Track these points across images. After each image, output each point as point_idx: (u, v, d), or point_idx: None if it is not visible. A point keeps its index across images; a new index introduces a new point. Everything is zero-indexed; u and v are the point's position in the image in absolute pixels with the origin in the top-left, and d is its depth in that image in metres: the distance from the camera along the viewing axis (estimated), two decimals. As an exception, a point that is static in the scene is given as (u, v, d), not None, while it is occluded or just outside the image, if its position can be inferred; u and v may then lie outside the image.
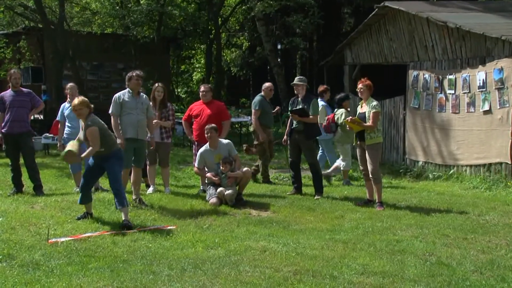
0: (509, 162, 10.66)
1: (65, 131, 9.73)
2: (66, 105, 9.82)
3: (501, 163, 10.90)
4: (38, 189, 9.51)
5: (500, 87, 10.80)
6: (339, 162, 11.10)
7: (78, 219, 7.43)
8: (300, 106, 9.49)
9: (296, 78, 9.98)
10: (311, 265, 5.57)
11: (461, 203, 8.92)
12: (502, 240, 6.63)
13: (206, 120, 9.52)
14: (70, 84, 10.10)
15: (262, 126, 10.73)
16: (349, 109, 11.25)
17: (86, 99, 7.34)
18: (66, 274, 5.19)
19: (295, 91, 9.78)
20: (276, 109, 11.86)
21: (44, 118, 19.57)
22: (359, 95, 8.99)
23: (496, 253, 6.09)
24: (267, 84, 11.32)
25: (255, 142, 10.88)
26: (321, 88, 11.70)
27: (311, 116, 9.49)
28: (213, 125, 9.08)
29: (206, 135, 9.01)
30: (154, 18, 23.15)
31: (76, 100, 7.29)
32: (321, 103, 10.97)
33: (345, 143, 11.00)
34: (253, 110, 10.93)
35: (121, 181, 7.48)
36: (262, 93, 11.08)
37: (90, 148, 7.15)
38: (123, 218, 7.15)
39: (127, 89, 8.62)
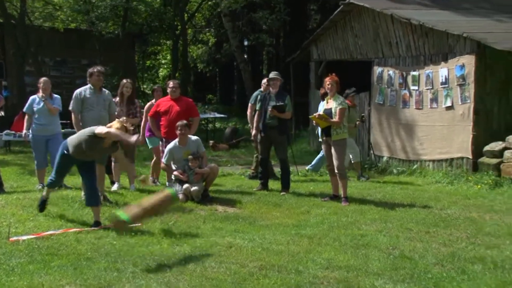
0: (470, 157, 10.88)
1: (32, 127, 9.53)
2: (37, 99, 9.63)
3: (462, 158, 11.12)
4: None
5: (461, 84, 11.00)
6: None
7: (41, 207, 7.27)
8: (275, 102, 9.50)
9: (272, 73, 10.01)
10: (276, 260, 5.60)
11: (424, 198, 9.07)
12: (463, 233, 6.77)
13: (175, 117, 9.43)
14: (43, 78, 9.92)
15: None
16: (351, 104, 11.18)
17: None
18: (27, 272, 5.10)
19: (271, 87, 9.72)
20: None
21: (5, 114, 19.19)
22: (327, 91, 9.03)
23: (457, 246, 6.20)
24: (265, 80, 11.19)
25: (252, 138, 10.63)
26: (322, 91, 11.53)
27: (286, 112, 9.54)
28: (185, 122, 9.04)
29: (178, 132, 8.94)
30: (119, 14, 22.86)
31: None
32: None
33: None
34: (249, 104, 10.89)
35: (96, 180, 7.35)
36: (261, 88, 11.00)
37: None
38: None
39: (89, 85, 8.51)
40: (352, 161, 11.29)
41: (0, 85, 20.08)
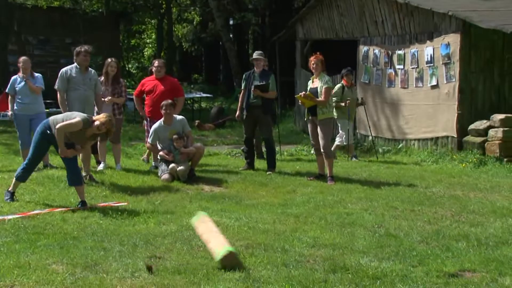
0: (455, 136, 10.97)
1: (15, 107, 9.47)
2: (18, 79, 9.53)
3: (447, 137, 11.21)
4: None
5: (447, 62, 11.05)
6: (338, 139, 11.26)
7: (10, 200, 7.07)
8: (259, 81, 9.47)
9: (255, 52, 9.98)
10: (263, 239, 5.62)
11: (409, 176, 9.14)
12: (448, 211, 6.84)
13: (159, 96, 9.38)
14: (23, 58, 9.78)
15: None
16: (347, 84, 11.25)
17: None
18: (13, 251, 5.08)
19: (255, 67, 9.68)
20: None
21: (-11, 94, 18.96)
22: (312, 70, 9.02)
23: (442, 223, 6.27)
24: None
25: None
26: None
27: (270, 92, 9.50)
28: (170, 101, 9.00)
29: (163, 111, 8.90)
30: (103, -9, 22.61)
31: None
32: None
33: (339, 118, 11.13)
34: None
35: (76, 159, 7.28)
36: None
37: None
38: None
39: (75, 64, 8.44)
40: (344, 143, 11.26)
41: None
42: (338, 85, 11.20)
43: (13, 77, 9.65)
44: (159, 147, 9.04)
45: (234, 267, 4.66)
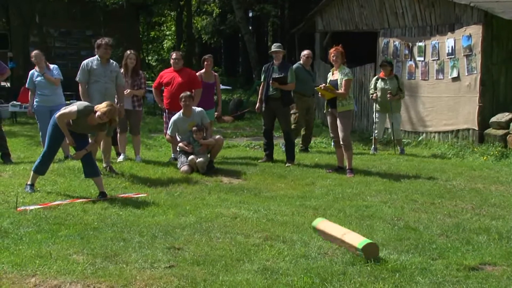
0: (476, 128, 10.86)
1: (35, 99, 9.58)
2: (35, 72, 9.63)
3: (468, 129, 11.10)
4: (5, 157, 9.38)
5: (468, 54, 10.92)
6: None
7: (31, 190, 7.13)
8: (277, 74, 9.46)
9: (274, 45, 9.94)
10: (281, 231, 5.63)
11: (429, 169, 9.07)
12: (468, 204, 6.78)
13: (177, 88, 9.41)
14: (35, 52, 9.86)
15: (297, 94, 10.55)
16: (385, 77, 11.03)
17: None
18: (35, 241, 5.15)
19: (274, 59, 9.67)
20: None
21: (11, 85, 19.21)
22: (332, 62, 8.98)
23: (462, 216, 6.22)
24: (305, 52, 11.17)
25: (292, 111, 10.55)
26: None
27: (289, 84, 9.48)
28: (188, 93, 9.03)
29: (182, 103, 8.93)
30: (123, -16, 22.67)
31: None
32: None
33: (381, 112, 11.06)
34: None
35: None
36: (301, 61, 11.01)
37: None
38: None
39: (96, 56, 8.50)
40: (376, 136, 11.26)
41: (6, 57, 20.03)
42: (374, 78, 11.20)
43: (30, 72, 9.74)
44: (178, 139, 9.08)
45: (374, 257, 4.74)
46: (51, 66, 9.81)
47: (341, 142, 8.72)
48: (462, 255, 4.91)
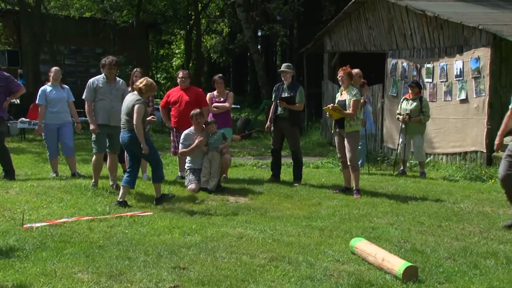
0: (485, 151, 10.81)
1: (46, 116, 9.58)
2: (47, 88, 9.67)
3: (476, 152, 11.05)
4: (7, 175, 9.24)
5: (476, 76, 10.92)
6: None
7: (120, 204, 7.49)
8: (286, 93, 9.48)
9: (283, 65, 9.93)
10: (287, 251, 5.60)
11: (436, 191, 9.02)
12: (476, 227, 6.72)
13: (184, 107, 9.44)
14: (55, 68, 9.95)
15: None
16: (409, 96, 10.84)
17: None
18: (40, 259, 5.15)
19: (283, 79, 9.68)
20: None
21: (21, 102, 19.34)
22: (340, 83, 9.00)
23: (470, 240, 6.17)
24: (355, 71, 10.91)
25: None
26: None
27: (297, 104, 9.49)
28: (198, 110, 9.01)
29: (193, 121, 8.91)
30: (133, 3, 22.91)
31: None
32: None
33: (404, 133, 10.84)
34: None
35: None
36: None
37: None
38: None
39: (103, 74, 8.55)
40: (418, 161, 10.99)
41: (16, 73, 20.21)
42: (402, 98, 11.06)
43: (41, 88, 9.76)
44: (187, 160, 9.06)
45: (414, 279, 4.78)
46: (65, 86, 9.88)
47: (348, 163, 8.70)
48: (470, 279, 4.86)
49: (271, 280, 4.75)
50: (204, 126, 9.01)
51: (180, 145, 9.11)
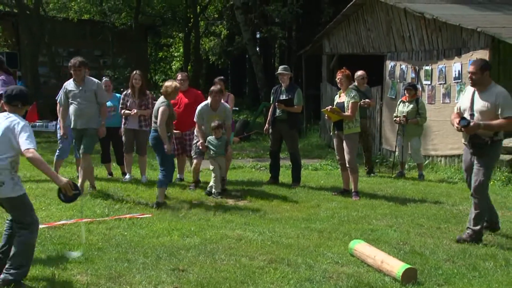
0: (483, 153, 10.79)
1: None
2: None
3: (475, 154, 11.03)
4: None
5: (475, 79, 10.90)
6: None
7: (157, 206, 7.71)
8: (284, 96, 9.48)
9: (280, 67, 9.94)
10: (286, 253, 5.60)
11: (435, 193, 9.03)
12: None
13: (183, 109, 9.45)
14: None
15: None
16: (405, 99, 10.81)
17: None
18: (39, 261, 5.14)
19: (280, 81, 9.69)
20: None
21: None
22: (338, 85, 9.01)
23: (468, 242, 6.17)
24: (359, 73, 10.87)
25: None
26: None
27: (295, 106, 9.48)
28: (219, 87, 8.86)
29: (211, 96, 8.71)
30: (132, 5, 22.92)
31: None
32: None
33: (401, 135, 10.83)
34: None
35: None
36: (355, 82, 10.72)
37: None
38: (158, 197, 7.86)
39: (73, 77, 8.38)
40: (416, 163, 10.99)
41: (15, 76, 20.19)
42: (399, 101, 11.07)
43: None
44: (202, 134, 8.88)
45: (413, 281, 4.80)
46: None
47: (347, 165, 8.71)
48: (469, 281, 4.87)
49: (270, 282, 4.76)
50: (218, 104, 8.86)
51: (195, 118, 8.85)
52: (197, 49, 24.98)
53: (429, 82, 12.07)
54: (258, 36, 28.37)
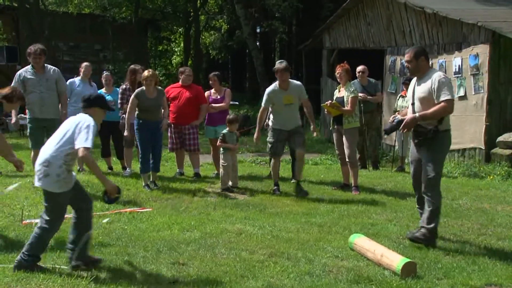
0: (483, 148, 10.82)
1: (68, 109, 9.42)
2: (76, 81, 9.58)
3: (475, 149, 11.06)
4: None
5: (475, 73, 10.92)
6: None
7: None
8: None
9: (277, 62, 9.90)
10: (286, 248, 5.61)
11: (435, 188, 9.01)
12: (474, 224, 6.74)
13: (184, 103, 9.43)
14: (85, 64, 9.90)
15: None
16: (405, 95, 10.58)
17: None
18: (40, 255, 5.15)
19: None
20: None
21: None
22: (338, 80, 8.99)
23: (468, 236, 6.18)
24: (359, 68, 10.84)
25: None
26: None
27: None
28: (284, 65, 8.50)
29: (278, 76, 8.44)
30: (131, -1, 22.88)
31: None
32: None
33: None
34: None
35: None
36: (357, 77, 10.74)
37: None
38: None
39: (30, 65, 8.14)
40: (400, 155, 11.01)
41: (15, 70, 20.16)
42: (398, 95, 11.07)
43: (70, 80, 9.58)
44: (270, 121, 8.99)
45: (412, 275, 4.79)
46: (93, 83, 9.85)
47: (347, 160, 8.71)
48: (468, 275, 4.88)
49: (270, 276, 4.77)
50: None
51: (262, 103, 8.77)
52: (197, 43, 24.96)
53: (429, 77, 12.05)
54: (258, 30, 28.36)
